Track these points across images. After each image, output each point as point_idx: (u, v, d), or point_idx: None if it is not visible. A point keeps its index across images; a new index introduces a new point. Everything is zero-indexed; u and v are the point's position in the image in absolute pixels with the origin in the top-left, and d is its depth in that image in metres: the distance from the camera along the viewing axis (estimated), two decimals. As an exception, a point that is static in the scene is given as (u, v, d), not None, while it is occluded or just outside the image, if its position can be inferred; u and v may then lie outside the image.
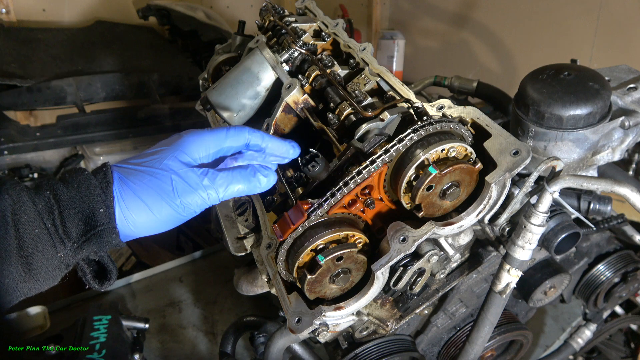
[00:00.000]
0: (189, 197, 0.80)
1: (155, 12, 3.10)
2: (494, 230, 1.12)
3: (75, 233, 0.73)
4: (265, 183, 0.90)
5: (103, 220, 0.74)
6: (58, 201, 0.73)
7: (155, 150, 0.85)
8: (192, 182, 0.81)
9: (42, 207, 0.72)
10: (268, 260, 1.08)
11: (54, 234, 0.72)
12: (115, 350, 1.43)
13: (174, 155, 0.82)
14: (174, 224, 0.83)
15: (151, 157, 0.82)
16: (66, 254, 0.73)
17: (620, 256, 1.55)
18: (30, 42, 2.71)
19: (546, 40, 3.29)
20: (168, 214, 0.80)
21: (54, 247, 0.72)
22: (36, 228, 0.70)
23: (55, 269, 0.74)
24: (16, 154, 2.44)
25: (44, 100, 2.54)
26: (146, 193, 0.78)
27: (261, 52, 1.21)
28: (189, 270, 2.35)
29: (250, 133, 0.92)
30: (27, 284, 0.72)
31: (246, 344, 1.80)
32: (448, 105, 1.04)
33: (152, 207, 0.78)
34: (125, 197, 0.77)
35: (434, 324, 1.35)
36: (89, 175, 0.77)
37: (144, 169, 0.80)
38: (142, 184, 0.78)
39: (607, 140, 1.21)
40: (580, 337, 1.75)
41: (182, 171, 0.81)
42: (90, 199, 0.74)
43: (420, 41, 4.25)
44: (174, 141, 0.86)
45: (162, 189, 0.79)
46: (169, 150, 0.83)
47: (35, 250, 0.70)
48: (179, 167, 0.82)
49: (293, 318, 0.99)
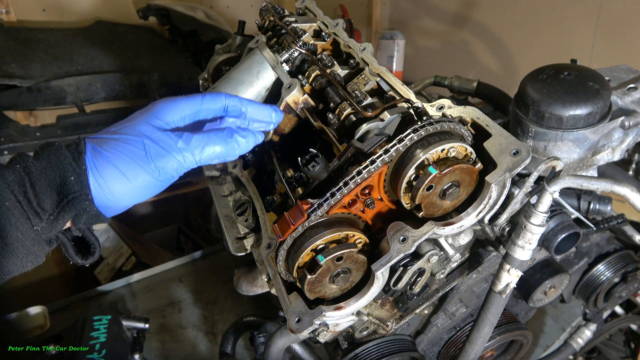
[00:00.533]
0: (164, 161, 0.79)
1: (155, 12, 3.10)
2: (494, 230, 1.12)
3: (50, 204, 0.72)
4: (243, 144, 0.87)
5: (75, 187, 0.73)
6: (28, 173, 0.72)
7: (129, 117, 0.84)
8: (165, 145, 0.79)
9: (12, 180, 0.71)
10: (268, 260, 1.08)
11: (27, 206, 0.71)
12: (115, 350, 1.43)
13: (147, 121, 0.81)
14: (153, 191, 0.81)
15: (124, 125, 0.81)
16: (43, 227, 0.72)
17: (620, 256, 1.55)
18: (30, 42, 2.71)
19: (546, 40, 3.29)
20: (144, 180, 0.78)
21: (27, 219, 0.71)
22: (7, 200, 0.69)
23: (34, 244, 0.73)
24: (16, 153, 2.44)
25: (44, 100, 2.54)
26: (119, 159, 0.76)
27: (261, 52, 1.21)
28: (189, 270, 2.35)
29: (228, 98, 0.90)
30: (6, 260, 0.71)
31: (246, 344, 1.80)
32: (448, 105, 1.04)
33: (127, 173, 0.77)
34: (99, 166, 0.76)
35: (434, 324, 1.35)
36: (59, 147, 0.76)
37: (116, 136, 0.79)
38: (115, 151, 0.77)
39: (607, 140, 1.21)
40: (580, 337, 1.75)
41: (155, 135, 0.80)
42: (60, 168, 0.73)
43: (420, 41, 4.24)
44: (148, 108, 0.84)
45: (135, 154, 0.77)
46: (142, 116, 0.82)
47: (8, 223, 0.69)
48: (151, 131, 0.80)
49: (293, 318, 0.99)
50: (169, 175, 0.81)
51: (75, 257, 0.80)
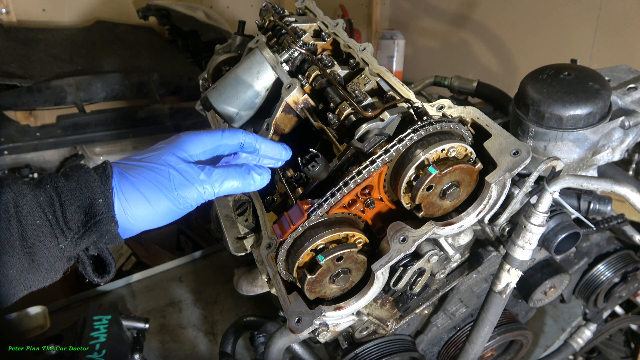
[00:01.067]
0: (186, 191, 0.84)
1: (155, 12, 3.10)
2: (494, 230, 1.12)
3: (76, 224, 0.76)
4: (259, 181, 0.93)
5: (102, 209, 0.77)
6: (59, 193, 0.75)
7: (154, 147, 0.88)
8: (189, 176, 0.84)
9: (43, 199, 0.74)
10: (268, 260, 1.08)
11: (55, 224, 0.74)
12: (115, 350, 1.43)
13: (172, 152, 0.86)
14: (171, 217, 0.85)
15: (150, 154, 0.86)
16: (67, 245, 0.75)
17: (620, 256, 1.55)
18: (30, 42, 2.71)
19: (546, 40, 3.29)
20: (165, 207, 0.83)
21: (55, 237, 0.74)
22: (38, 219, 0.73)
23: (57, 261, 0.76)
24: (16, 154, 2.44)
25: (44, 100, 2.54)
26: (145, 185, 0.81)
27: (261, 52, 1.21)
28: (189, 270, 2.35)
29: (244, 135, 0.96)
30: (30, 276, 0.73)
31: (246, 344, 1.80)
32: (448, 105, 1.04)
33: (151, 199, 0.81)
34: (124, 190, 0.80)
35: (434, 324, 1.35)
36: (88, 169, 0.79)
37: (143, 164, 0.84)
38: (141, 177, 0.81)
39: (607, 140, 1.21)
40: (580, 337, 1.75)
41: (180, 166, 0.85)
42: (90, 190, 0.77)
43: (420, 41, 4.24)
44: (173, 140, 0.90)
45: (160, 182, 0.82)
46: (168, 147, 0.87)
47: (38, 240, 0.72)
48: (177, 162, 0.85)
49: (293, 318, 0.99)
50: (188, 205, 0.86)
51: (92, 276, 0.82)
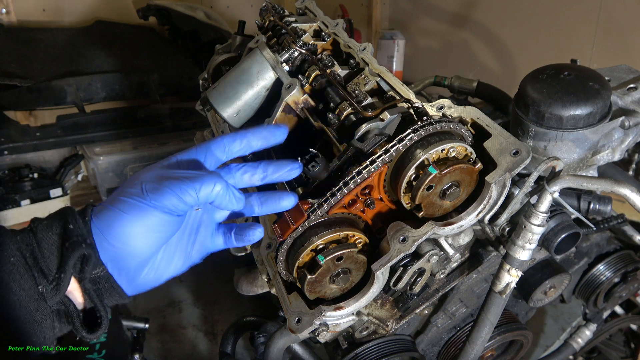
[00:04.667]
0: (160, 195, 0.74)
1: (155, 12, 3.10)
2: (494, 230, 1.12)
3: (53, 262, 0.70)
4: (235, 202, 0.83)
5: (74, 232, 0.71)
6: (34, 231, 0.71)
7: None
8: (162, 182, 0.75)
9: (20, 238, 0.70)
10: (268, 260, 1.08)
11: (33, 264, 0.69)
12: (115, 350, 1.43)
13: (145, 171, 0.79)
14: (162, 229, 0.77)
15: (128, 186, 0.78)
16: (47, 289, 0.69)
17: (620, 256, 1.55)
18: (30, 42, 2.71)
19: (546, 40, 3.29)
20: (148, 219, 0.73)
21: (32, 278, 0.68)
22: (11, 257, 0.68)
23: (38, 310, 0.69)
24: (16, 154, 2.44)
25: (44, 100, 2.54)
26: (117, 201, 0.73)
27: (261, 52, 1.21)
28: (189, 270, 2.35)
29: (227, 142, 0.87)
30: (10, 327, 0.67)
31: (246, 344, 1.80)
32: (448, 105, 1.04)
33: (125, 210, 0.72)
34: (100, 214, 0.74)
35: (434, 324, 1.35)
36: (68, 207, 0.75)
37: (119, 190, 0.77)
38: (114, 196, 0.75)
39: (607, 140, 1.21)
40: (580, 337, 1.75)
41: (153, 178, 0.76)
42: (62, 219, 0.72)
43: (420, 41, 4.24)
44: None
45: (132, 194, 0.74)
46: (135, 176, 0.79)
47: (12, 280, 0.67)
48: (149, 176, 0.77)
49: (293, 318, 0.99)
50: (171, 209, 0.76)
51: (81, 329, 0.73)
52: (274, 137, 0.91)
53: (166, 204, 0.73)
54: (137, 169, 2.64)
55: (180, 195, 0.74)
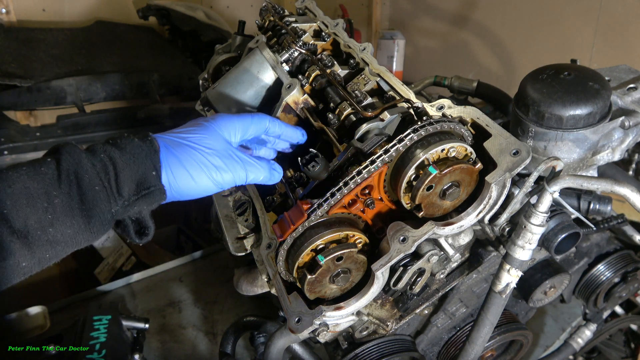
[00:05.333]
0: (225, 174, 0.94)
1: (155, 12, 3.10)
2: (494, 230, 1.12)
3: (127, 192, 0.84)
4: (277, 176, 1.04)
5: (154, 182, 0.86)
6: (113, 164, 0.83)
7: (195, 126, 0.97)
8: (228, 162, 0.95)
9: (100, 168, 0.82)
10: (268, 260, 1.08)
11: (110, 192, 0.83)
12: (115, 350, 1.43)
13: (213, 136, 0.96)
14: (208, 193, 0.95)
15: (194, 134, 0.95)
16: (117, 210, 0.84)
17: (620, 256, 1.55)
18: (30, 42, 2.71)
19: (546, 40, 3.28)
20: (206, 184, 0.93)
21: (109, 202, 0.82)
22: (96, 185, 0.81)
23: (107, 223, 0.84)
24: (16, 154, 2.43)
25: (44, 100, 2.54)
26: (190, 164, 0.91)
27: (261, 52, 1.21)
28: (189, 270, 2.35)
29: (271, 122, 1.06)
30: (83, 235, 0.81)
31: (246, 344, 1.80)
32: (448, 105, 1.04)
33: (195, 177, 0.91)
34: (172, 166, 0.89)
35: (434, 324, 1.35)
36: (138, 142, 0.87)
37: (188, 143, 0.93)
38: (187, 156, 0.91)
39: (607, 140, 1.21)
40: (580, 337, 1.75)
41: (222, 151, 0.96)
42: (141, 162, 0.85)
43: (420, 41, 4.24)
44: (213, 121, 0.99)
45: (204, 164, 0.92)
46: (207, 129, 0.97)
47: (95, 205, 0.81)
48: (219, 147, 0.96)
49: (293, 318, 0.99)
50: (224, 185, 0.95)
51: (134, 237, 0.90)
52: (299, 138, 1.13)
53: (223, 182, 0.94)
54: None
55: (236, 178, 0.96)
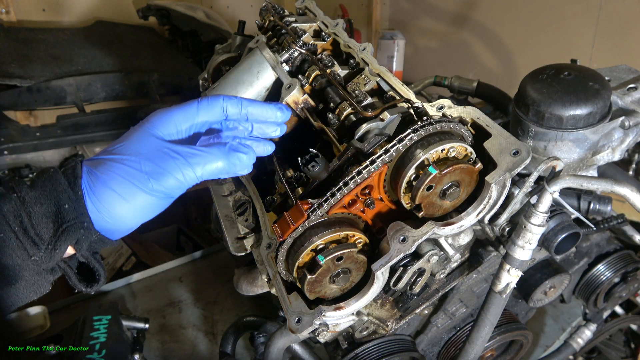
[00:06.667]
0: (163, 180, 0.74)
1: (155, 12, 3.10)
2: (494, 230, 1.12)
3: (47, 234, 0.70)
4: (245, 160, 0.81)
5: (70, 215, 0.71)
6: (24, 202, 0.70)
7: (124, 135, 0.79)
8: (163, 163, 0.75)
9: (7, 210, 0.69)
10: (268, 260, 1.08)
11: (23, 236, 0.69)
12: (115, 350, 1.43)
13: (141, 138, 0.77)
14: (155, 210, 0.78)
15: (120, 144, 0.77)
16: (42, 257, 0.70)
17: (620, 256, 1.55)
18: (30, 42, 2.71)
19: (546, 40, 3.29)
20: (144, 201, 0.74)
21: (24, 250, 0.69)
22: (1, 232, 0.68)
23: (34, 275, 0.71)
24: (16, 154, 2.43)
25: (44, 100, 2.54)
26: (115, 181, 0.73)
27: (261, 52, 1.21)
28: (189, 270, 2.35)
29: (226, 100, 0.83)
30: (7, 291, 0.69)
31: (246, 344, 1.80)
32: (448, 105, 1.04)
33: (124, 195, 0.73)
34: (95, 189, 0.72)
35: (434, 324, 1.35)
36: (55, 172, 0.74)
37: (112, 156, 0.75)
38: (111, 173, 0.73)
39: (607, 140, 1.21)
40: (580, 337, 1.75)
41: (151, 153, 0.75)
42: (55, 195, 0.71)
43: (420, 41, 4.24)
44: (142, 124, 0.80)
45: (131, 175, 0.73)
46: (136, 133, 0.78)
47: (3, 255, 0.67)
48: (147, 149, 0.75)
49: (293, 318, 0.99)
50: (169, 194, 0.77)
51: (79, 285, 0.77)
52: (276, 117, 0.89)
53: (166, 189, 0.74)
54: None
55: (181, 179, 0.74)
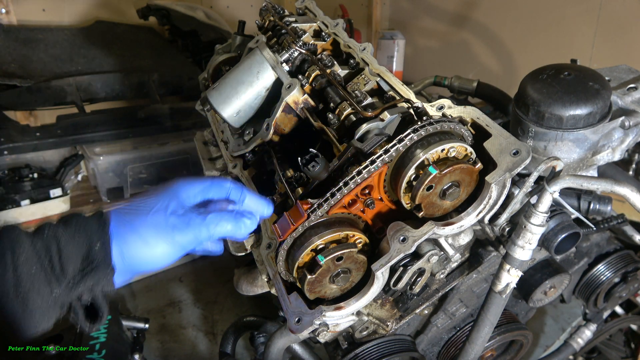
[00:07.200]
0: (183, 234, 0.86)
1: (155, 12, 3.10)
2: (494, 230, 1.12)
3: (72, 271, 0.76)
4: (249, 225, 0.95)
5: (99, 255, 0.78)
6: (57, 240, 0.76)
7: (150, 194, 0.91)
8: (186, 220, 0.87)
9: (40, 247, 0.75)
10: (268, 260, 1.08)
11: (50, 272, 0.75)
12: (115, 350, 1.43)
13: (168, 197, 0.90)
14: (167, 260, 0.87)
15: (147, 198, 0.89)
16: (60, 293, 0.76)
17: (620, 256, 1.55)
18: (30, 42, 2.71)
19: (546, 40, 3.29)
20: (163, 250, 0.85)
21: (48, 285, 0.75)
22: (33, 267, 0.74)
23: (49, 308, 0.76)
24: (16, 154, 2.44)
25: (44, 100, 2.54)
26: (144, 228, 0.84)
27: (261, 52, 1.21)
28: (189, 270, 2.35)
29: (232, 185, 0.99)
30: (24, 324, 0.74)
31: (246, 344, 1.80)
32: (448, 105, 1.04)
33: (149, 241, 0.83)
34: (124, 235, 0.82)
35: (434, 324, 1.35)
36: (85, 217, 0.82)
37: (142, 207, 0.87)
38: (141, 220, 0.84)
39: (607, 140, 1.21)
40: (580, 337, 1.75)
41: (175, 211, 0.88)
42: (88, 236, 0.78)
43: (420, 41, 4.24)
44: (168, 187, 0.93)
45: (158, 225, 0.85)
46: (164, 194, 0.90)
47: (32, 288, 0.73)
48: (172, 207, 0.88)
49: (293, 318, 0.99)
50: (184, 248, 0.88)
51: (84, 323, 0.82)
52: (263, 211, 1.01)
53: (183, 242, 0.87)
54: (137, 169, 2.64)
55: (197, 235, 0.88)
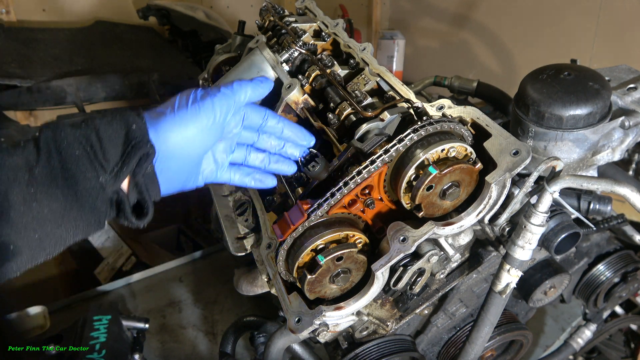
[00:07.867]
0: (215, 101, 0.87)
1: (155, 12, 3.10)
2: (494, 230, 1.12)
3: (114, 155, 0.77)
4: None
5: (137, 134, 0.79)
6: (95, 127, 0.77)
7: None
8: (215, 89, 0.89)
9: (80, 134, 0.76)
10: (268, 260, 1.08)
11: (93, 156, 0.76)
12: (115, 350, 1.43)
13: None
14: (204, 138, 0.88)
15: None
16: (107, 179, 0.76)
17: (620, 256, 1.55)
18: (30, 42, 2.71)
19: (546, 40, 3.29)
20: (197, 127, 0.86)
21: (94, 170, 0.75)
22: (77, 150, 0.74)
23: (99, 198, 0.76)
24: (16, 154, 2.43)
25: (44, 100, 2.54)
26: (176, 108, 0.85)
27: (261, 52, 1.21)
28: (189, 270, 2.35)
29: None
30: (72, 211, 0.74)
31: (246, 344, 1.80)
32: (448, 105, 1.04)
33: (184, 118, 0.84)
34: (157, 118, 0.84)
35: (434, 324, 1.35)
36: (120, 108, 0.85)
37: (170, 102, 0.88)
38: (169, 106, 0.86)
39: (607, 140, 1.21)
40: (580, 337, 1.75)
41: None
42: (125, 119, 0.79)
43: (420, 41, 4.24)
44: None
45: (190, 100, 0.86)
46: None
47: (78, 171, 0.74)
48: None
49: (293, 318, 0.99)
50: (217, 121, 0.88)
51: (130, 216, 0.82)
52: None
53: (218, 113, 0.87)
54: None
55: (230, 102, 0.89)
